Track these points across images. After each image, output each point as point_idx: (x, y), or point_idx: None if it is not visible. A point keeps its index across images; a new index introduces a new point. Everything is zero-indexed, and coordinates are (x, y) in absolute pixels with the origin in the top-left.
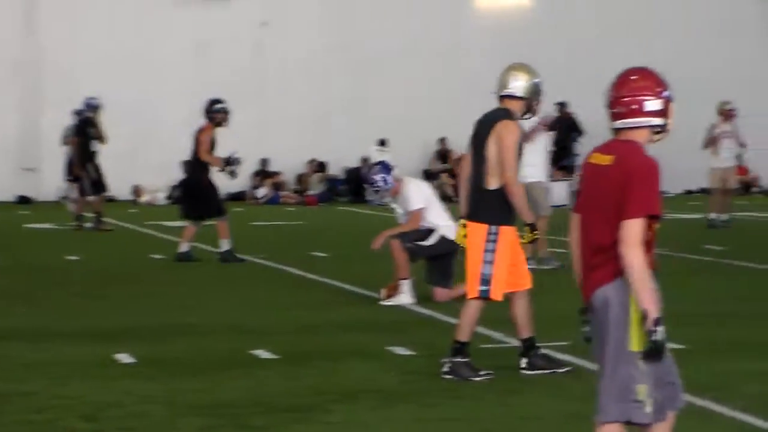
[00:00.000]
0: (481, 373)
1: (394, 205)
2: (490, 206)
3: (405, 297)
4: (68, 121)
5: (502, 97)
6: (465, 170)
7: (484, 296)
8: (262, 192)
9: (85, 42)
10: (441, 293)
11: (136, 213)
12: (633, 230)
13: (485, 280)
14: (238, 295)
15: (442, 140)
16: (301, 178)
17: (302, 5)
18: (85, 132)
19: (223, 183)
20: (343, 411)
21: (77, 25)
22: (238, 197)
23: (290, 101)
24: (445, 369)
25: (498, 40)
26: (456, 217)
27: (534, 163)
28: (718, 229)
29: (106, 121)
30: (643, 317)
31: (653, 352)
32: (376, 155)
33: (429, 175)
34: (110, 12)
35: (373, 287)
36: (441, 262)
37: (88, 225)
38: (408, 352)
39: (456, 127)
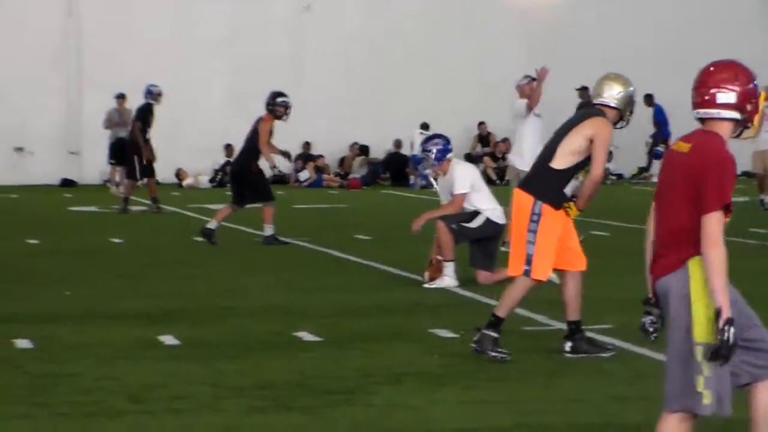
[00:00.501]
0: (500, 350)
1: (431, 179)
2: (544, 182)
3: (448, 279)
4: (110, 105)
5: (596, 105)
6: None
7: (527, 275)
8: (304, 175)
9: (125, 27)
10: (484, 276)
11: (179, 196)
12: (714, 225)
13: (528, 260)
14: (280, 278)
15: (482, 124)
16: (343, 162)
17: None
18: (145, 118)
19: (267, 167)
20: (386, 393)
21: (117, 10)
22: (280, 180)
23: (330, 85)
24: (475, 338)
25: (534, 22)
26: (500, 200)
27: (520, 152)
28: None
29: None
30: (717, 315)
31: (721, 352)
32: (419, 138)
33: (471, 159)
34: None
35: (416, 270)
36: (484, 245)
37: (140, 209)
38: (451, 335)
39: (495, 111)
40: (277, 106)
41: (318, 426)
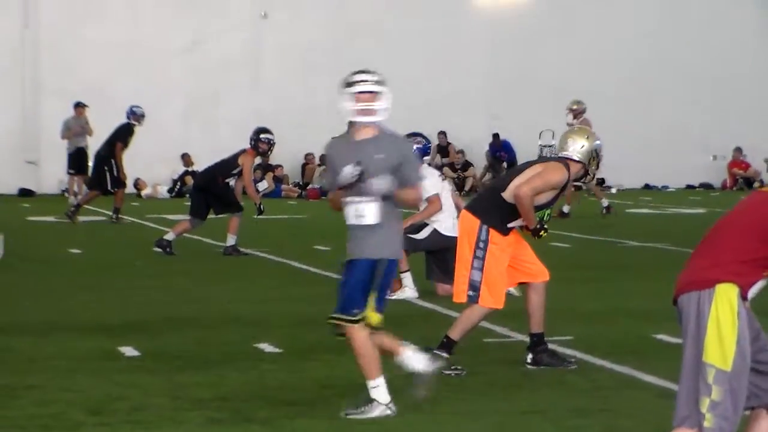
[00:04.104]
0: (453, 367)
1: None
2: (492, 207)
3: (409, 291)
4: (67, 114)
5: (561, 158)
6: None
7: (473, 301)
8: (263, 185)
9: (83, 35)
10: (443, 288)
11: (138, 206)
12: None
13: (474, 286)
14: (241, 289)
15: (442, 134)
16: (304, 171)
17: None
18: (124, 139)
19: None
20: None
21: (76, 18)
22: None
23: (288, 94)
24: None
25: (497, 34)
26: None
27: None
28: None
29: (104, 113)
30: None
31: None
32: None
33: None
34: (108, 3)
35: None
36: (439, 257)
37: (96, 219)
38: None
39: (454, 122)
40: (260, 143)
41: None
